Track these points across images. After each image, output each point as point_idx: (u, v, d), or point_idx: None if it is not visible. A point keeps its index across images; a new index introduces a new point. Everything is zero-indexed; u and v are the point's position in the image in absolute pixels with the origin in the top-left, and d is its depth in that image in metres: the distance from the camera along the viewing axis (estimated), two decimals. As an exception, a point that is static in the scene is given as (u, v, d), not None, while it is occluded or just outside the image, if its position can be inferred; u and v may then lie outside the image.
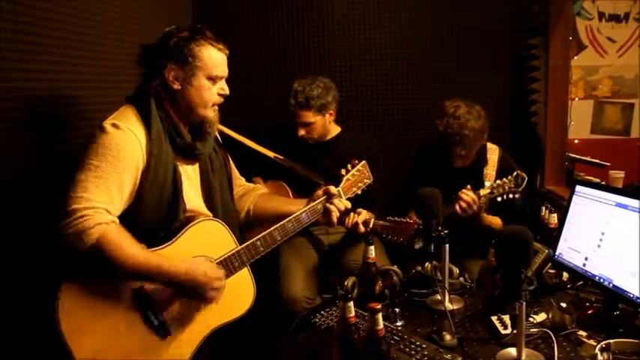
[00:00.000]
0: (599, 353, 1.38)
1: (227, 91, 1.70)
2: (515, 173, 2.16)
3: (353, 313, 1.34)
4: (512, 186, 2.13)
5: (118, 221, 1.48)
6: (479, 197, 2.19)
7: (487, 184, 2.39)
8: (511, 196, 2.07)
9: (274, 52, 3.14)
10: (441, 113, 2.32)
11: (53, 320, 1.40)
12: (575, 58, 3.60)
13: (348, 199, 1.97)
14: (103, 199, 1.45)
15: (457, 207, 2.19)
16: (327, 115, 2.60)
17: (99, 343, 1.45)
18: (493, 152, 2.48)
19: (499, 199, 2.01)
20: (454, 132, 2.26)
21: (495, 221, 2.37)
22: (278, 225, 1.78)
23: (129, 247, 1.45)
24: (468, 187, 2.22)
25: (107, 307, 1.48)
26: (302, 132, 2.56)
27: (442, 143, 2.35)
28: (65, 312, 1.41)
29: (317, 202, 1.88)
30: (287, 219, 1.80)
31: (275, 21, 3.11)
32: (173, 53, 1.59)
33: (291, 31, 3.12)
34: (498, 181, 2.11)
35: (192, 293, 1.56)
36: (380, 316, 1.28)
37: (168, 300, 1.57)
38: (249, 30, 3.11)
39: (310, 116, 2.54)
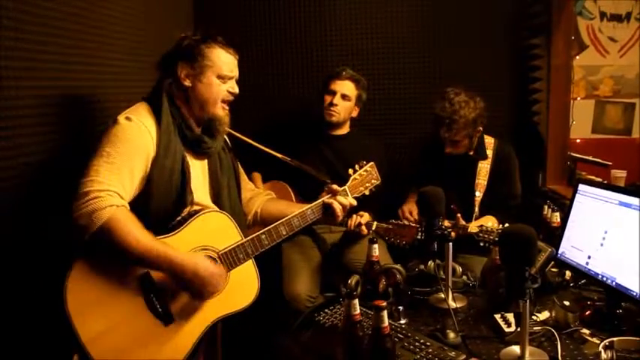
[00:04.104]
0: (602, 351, 1.38)
1: (236, 91, 1.79)
2: (506, 225, 2.07)
3: (358, 311, 1.34)
4: (495, 238, 2.01)
5: (128, 206, 1.54)
6: (465, 230, 2.17)
7: (477, 194, 2.42)
8: (487, 244, 2.05)
9: (275, 53, 3.15)
10: (440, 97, 2.38)
11: (60, 301, 1.45)
12: (577, 57, 3.60)
13: (355, 198, 2.00)
14: (114, 182, 1.51)
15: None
16: (355, 105, 2.67)
17: (103, 325, 1.49)
18: (489, 146, 2.51)
19: (481, 243, 2.02)
20: (445, 115, 2.32)
21: (489, 222, 2.38)
22: (284, 220, 1.83)
23: (136, 232, 1.49)
24: (458, 215, 2.23)
25: (113, 291, 1.52)
26: (332, 99, 2.61)
27: (434, 126, 2.40)
28: (72, 293, 1.46)
29: (322, 199, 1.94)
30: (292, 214, 1.85)
31: (275, 21, 3.12)
32: (184, 53, 1.71)
33: (290, 31, 3.12)
34: (489, 226, 2.08)
35: (192, 286, 1.59)
36: (385, 313, 1.29)
37: (173, 288, 1.60)
38: (251, 31, 3.11)
39: (352, 90, 2.62)
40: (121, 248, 1.47)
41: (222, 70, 1.73)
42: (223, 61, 1.73)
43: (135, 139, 1.58)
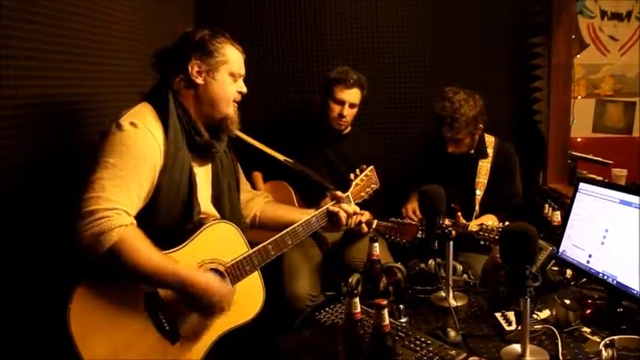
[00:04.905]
0: (603, 349, 1.38)
1: (245, 90, 1.72)
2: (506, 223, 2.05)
3: (359, 309, 1.34)
4: (496, 236, 2.00)
5: (136, 223, 1.45)
6: (465, 228, 2.15)
7: (478, 192, 2.42)
8: (488, 243, 2.05)
9: (275, 52, 3.14)
10: (440, 97, 2.38)
11: (63, 322, 1.38)
12: (578, 56, 3.60)
13: (356, 204, 1.99)
14: (122, 199, 1.42)
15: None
16: (357, 109, 2.64)
17: (109, 347, 1.43)
18: (489, 145, 2.51)
19: (482, 242, 2.02)
20: (446, 114, 2.31)
21: (489, 220, 2.37)
22: (289, 229, 1.79)
23: (146, 251, 1.42)
24: (459, 213, 2.22)
25: (119, 310, 1.46)
26: (342, 110, 2.58)
27: (436, 126, 2.39)
28: (76, 314, 1.39)
29: (327, 206, 1.92)
30: (297, 223, 1.82)
31: (275, 23, 3.12)
32: (198, 47, 1.62)
33: (291, 30, 3.12)
34: (489, 225, 2.07)
35: (201, 304, 1.53)
36: (386, 311, 1.29)
37: (180, 305, 1.54)
38: (252, 31, 3.11)
39: (359, 97, 2.60)
40: (131, 269, 1.40)
41: (234, 68, 1.66)
42: (235, 58, 1.67)
43: (142, 148, 1.48)
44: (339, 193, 1.95)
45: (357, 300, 1.35)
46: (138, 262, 1.40)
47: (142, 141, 1.48)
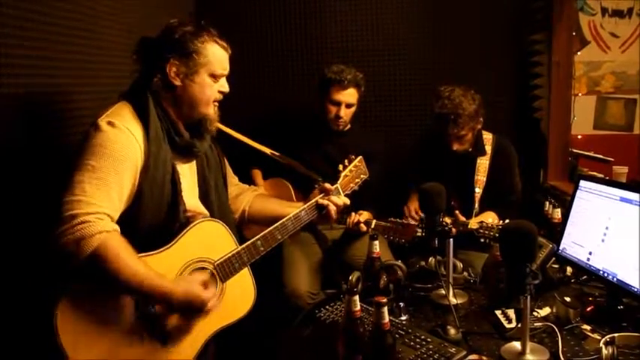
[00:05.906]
0: (603, 347, 1.38)
1: (227, 89, 1.66)
2: (506, 221, 2.08)
3: (358, 307, 1.34)
4: (496, 234, 2.02)
5: (118, 229, 1.42)
6: (465, 227, 2.16)
7: (477, 190, 2.43)
8: (488, 240, 2.06)
9: (275, 49, 3.14)
10: (437, 97, 2.38)
11: (52, 330, 1.35)
12: (579, 53, 3.59)
13: (346, 195, 1.97)
14: (103, 202, 1.39)
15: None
16: (355, 107, 2.63)
17: (99, 353, 1.41)
18: (487, 142, 2.51)
19: (481, 239, 2.02)
20: (448, 111, 2.31)
21: (489, 218, 2.37)
22: (278, 224, 1.76)
23: (128, 260, 1.38)
24: (457, 212, 2.23)
25: (108, 315, 1.44)
26: (338, 111, 2.56)
27: (438, 125, 2.39)
28: (64, 321, 1.37)
29: (316, 199, 1.88)
30: (286, 217, 1.78)
31: (274, 18, 3.12)
32: (177, 47, 1.54)
33: (290, 26, 3.12)
34: (489, 222, 2.07)
35: (187, 311, 1.52)
36: (386, 309, 1.29)
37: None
38: (251, 29, 3.11)
39: (355, 96, 2.58)
40: (112, 278, 1.36)
41: (216, 69, 1.59)
42: (218, 59, 1.59)
43: (122, 149, 1.43)
44: (327, 185, 1.91)
45: (357, 298, 1.34)
46: (119, 271, 1.36)
47: (121, 141, 1.44)
